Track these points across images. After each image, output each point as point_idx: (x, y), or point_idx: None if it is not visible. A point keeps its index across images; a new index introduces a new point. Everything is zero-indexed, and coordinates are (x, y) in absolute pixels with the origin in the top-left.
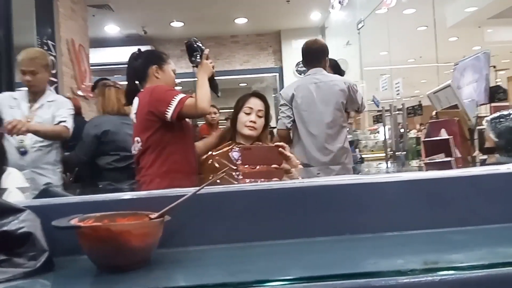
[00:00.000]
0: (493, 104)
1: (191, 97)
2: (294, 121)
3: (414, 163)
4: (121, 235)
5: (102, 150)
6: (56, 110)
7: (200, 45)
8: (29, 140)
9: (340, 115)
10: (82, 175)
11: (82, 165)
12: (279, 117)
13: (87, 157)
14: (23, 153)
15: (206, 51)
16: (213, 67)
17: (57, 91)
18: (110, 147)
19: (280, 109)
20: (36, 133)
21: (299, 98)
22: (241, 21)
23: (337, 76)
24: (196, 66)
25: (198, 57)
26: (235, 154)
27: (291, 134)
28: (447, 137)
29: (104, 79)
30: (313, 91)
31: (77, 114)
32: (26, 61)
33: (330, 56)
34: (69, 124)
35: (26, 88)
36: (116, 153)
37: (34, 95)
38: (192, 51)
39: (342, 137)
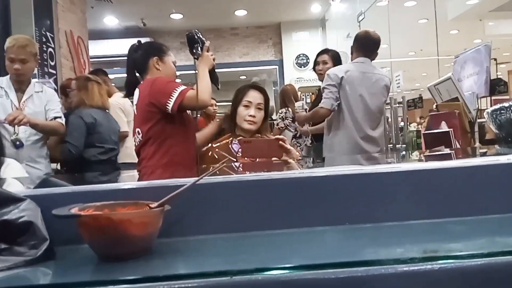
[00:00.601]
0: (493, 97)
1: (192, 89)
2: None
3: (414, 155)
4: (121, 224)
5: (89, 142)
6: (46, 103)
7: (201, 37)
8: (23, 133)
9: (382, 107)
10: (72, 167)
11: (74, 157)
12: (325, 96)
13: (81, 148)
14: (19, 146)
15: (207, 43)
16: (213, 59)
17: (56, 83)
18: (96, 139)
19: (328, 88)
20: (35, 126)
21: (347, 83)
22: (241, 13)
23: (383, 70)
24: (197, 58)
25: (199, 49)
26: (235, 146)
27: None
28: (447, 129)
29: (99, 70)
30: (362, 79)
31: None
32: (16, 49)
33: (330, 48)
34: (63, 120)
35: (6, 76)
36: (102, 145)
37: (20, 84)
38: (193, 43)
39: (382, 127)
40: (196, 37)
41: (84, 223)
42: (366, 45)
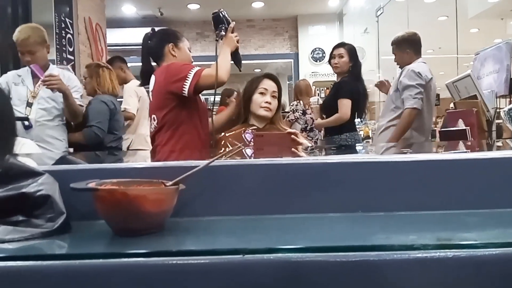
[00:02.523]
0: None
1: (207, 67)
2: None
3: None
4: (136, 199)
5: (108, 128)
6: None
7: (227, 16)
8: (34, 114)
9: None
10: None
11: (99, 142)
12: (415, 96)
13: (106, 133)
14: (28, 127)
15: (232, 23)
16: (237, 41)
17: (74, 69)
18: (112, 126)
19: (417, 87)
20: (65, 97)
21: (432, 83)
22: (257, 5)
23: None
24: (221, 39)
25: (223, 30)
26: (247, 136)
27: None
28: (464, 127)
29: (117, 57)
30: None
31: None
32: (21, 42)
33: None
34: (84, 106)
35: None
36: (116, 132)
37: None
38: (218, 23)
39: None
40: (221, 16)
41: (101, 197)
42: (419, 45)
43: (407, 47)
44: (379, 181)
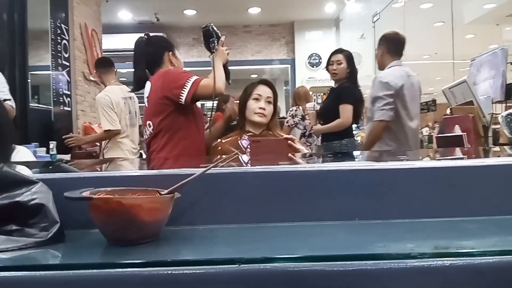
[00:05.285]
0: (509, 104)
1: (206, 77)
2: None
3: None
4: (131, 209)
5: None
6: None
7: (217, 31)
8: None
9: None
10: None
11: None
12: (382, 107)
13: None
14: None
15: (222, 37)
16: (227, 54)
17: (69, 75)
18: None
19: (384, 98)
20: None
21: (406, 89)
22: (254, 10)
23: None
24: (213, 52)
25: (215, 43)
26: (244, 142)
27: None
28: (461, 133)
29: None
30: (412, 83)
31: None
32: None
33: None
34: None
35: None
36: None
37: None
38: (209, 37)
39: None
40: (212, 30)
41: (95, 206)
42: (398, 45)
43: (383, 44)
44: (377, 189)
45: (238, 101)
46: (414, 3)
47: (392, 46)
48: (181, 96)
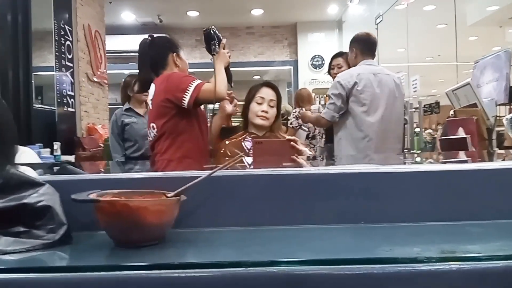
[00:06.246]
0: None
1: (208, 82)
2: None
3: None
4: (138, 211)
5: None
6: None
7: (218, 34)
8: None
9: (403, 111)
10: None
11: None
12: (327, 107)
13: None
14: None
15: (224, 40)
16: (229, 56)
17: (72, 76)
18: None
19: (331, 98)
20: None
21: (364, 86)
22: (257, 12)
23: (388, 70)
24: (214, 55)
25: (216, 46)
26: (247, 144)
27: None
28: (465, 136)
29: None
30: (373, 81)
31: None
32: None
33: (345, 51)
34: None
35: None
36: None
37: None
38: (210, 39)
39: (402, 137)
40: (213, 33)
41: (102, 209)
42: (369, 45)
43: (355, 46)
44: (382, 192)
45: (229, 97)
46: (417, 5)
47: (364, 47)
48: (184, 100)
